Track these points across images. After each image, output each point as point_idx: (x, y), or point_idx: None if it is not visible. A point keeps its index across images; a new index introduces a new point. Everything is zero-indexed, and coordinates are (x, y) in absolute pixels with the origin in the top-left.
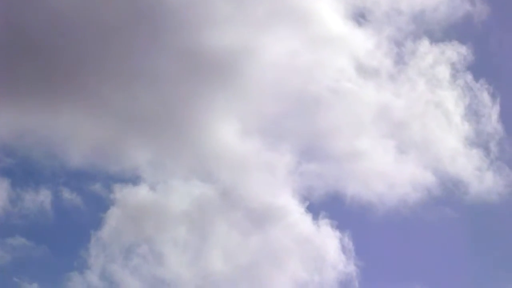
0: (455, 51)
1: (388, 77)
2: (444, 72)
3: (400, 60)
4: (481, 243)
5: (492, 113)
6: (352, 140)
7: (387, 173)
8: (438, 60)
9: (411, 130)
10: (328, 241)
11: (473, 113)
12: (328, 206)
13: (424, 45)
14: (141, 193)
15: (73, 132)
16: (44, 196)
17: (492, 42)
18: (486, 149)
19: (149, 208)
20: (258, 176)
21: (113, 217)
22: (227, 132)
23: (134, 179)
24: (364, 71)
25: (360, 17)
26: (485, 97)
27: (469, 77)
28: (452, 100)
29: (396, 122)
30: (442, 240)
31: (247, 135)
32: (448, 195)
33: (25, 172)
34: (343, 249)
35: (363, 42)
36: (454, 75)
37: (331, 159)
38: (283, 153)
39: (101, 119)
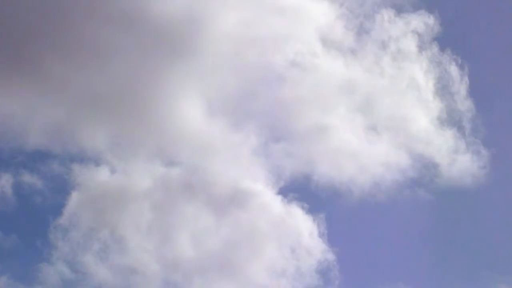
0: (422, 22)
1: (352, 50)
2: (410, 44)
3: (364, 32)
4: (456, 226)
5: (461, 88)
6: (319, 118)
7: (358, 153)
8: (404, 31)
9: (380, 107)
10: (301, 225)
11: (443, 88)
12: (299, 188)
13: (390, 16)
14: (102, 176)
15: (28, 113)
16: (4, 181)
17: (459, 11)
18: (459, 127)
19: (111, 192)
20: (223, 158)
21: (74, 202)
22: (189, 110)
23: (95, 161)
24: (327, 43)
25: None
26: (454, 69)
27: (436, 48)
28: (421, 74)
29: (364, 98)
30: (417, 224)
31: (210, 114)
32: (422, 177)
33: None
34: (317, 233)
35: (324, 13)
36: (421, 47)
37: (298, 138)
38: (248, 133)
39: (57, 98)
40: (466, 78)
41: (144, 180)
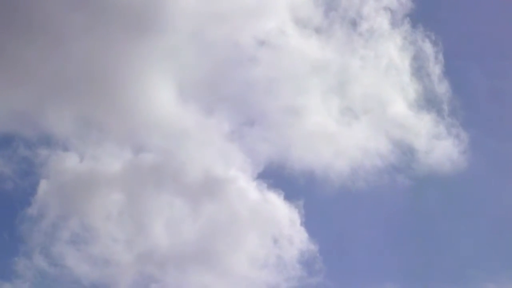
0: None
1: (324, 29)
2: (383, 21)
3: (334, 9)
4: (439, 214)
5: (436, 68)
6: (293, 100)
7: (335, 136)
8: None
9: (355, 89)
10: (279, 212)
11: (419, 68)
12: (275, 174)
13: None
14: (70, 162)
15: None
16: None
17: None
18: (438, 110)
19: (79, 179)
20: (196, 143)
21: (43, 190)
22: (159, 93)
23: (62, 146)
24: (298, 22)
25: None
26: (428, 47)
27: (408, 25)
28: (395, 53)
29: (338, 79)
30: (398, 212)
31: (181, 97)
32: (402, 163)
33: None
34: (295, 221)
35: None
36: (394, 24)
37: (272, 122)
38: (220, 117)
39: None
40: (441, 56)
41: (114, 167)
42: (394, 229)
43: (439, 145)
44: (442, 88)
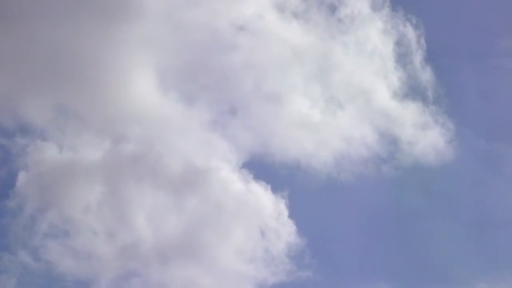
0: None
1: (303, 14)
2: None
3: None
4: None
5: (418, 54)
6: (274, 88)
7: (319, 126)
8: None
9: (337, 76)
10: (264, 204)
11: (401, 55)
12: (258, 165)
13: None
14: (49, 153)
15: None
16: None
17: None
18: (423, 98)
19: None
20: (178, 133)
21: (21, 181)
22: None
23: (41, 136)
24: (276, 7)
25: None
26: (410, 31)
27: (388, 9)
28: (376, 39)
29: (320, 66)
30: (384, 203)
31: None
32: (387, 153)
33: None
34: (280, 212)
35: None
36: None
37: (254, 110)
38: (201, 106)
39: None
40: (422, 40)
41: (94, 157)
42: (381, 222)
43: (424, 135)
44: (426, 75)
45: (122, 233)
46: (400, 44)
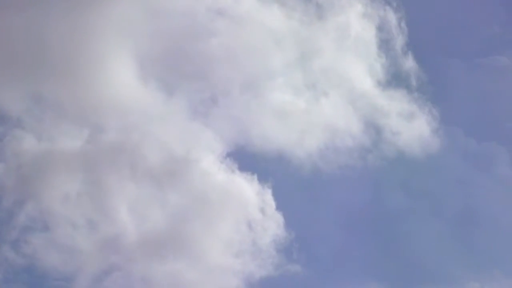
0: None
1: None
2: None
3: None
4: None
5: (400, 39)
6: (256, 76)
7: (302, 114)
8: None
9: (318, 63)
10: (250, 196)
11: (383, 41)
12: (241, 155)
13: None
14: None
15: None
16: None
17: None
18: (407, 86)
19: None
20: (158, 122)
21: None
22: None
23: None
24: None
25: None
26: (391, 15)
27: None
28: (357, 24)
29: (302, 51)
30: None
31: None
32: (372, 143)
33: None
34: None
35: None
36: None
37: (235, 99)
38: (182, 95)
39: None
40: (403, 24)
41: (72, 147)
42: (368, 215)
43: (410, 124)
44: (409, 62)
45: (103, 225)
46: (381, 29)
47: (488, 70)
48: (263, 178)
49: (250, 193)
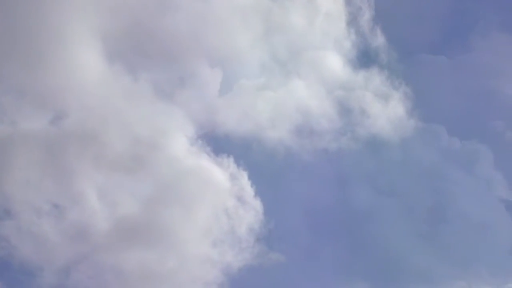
0: None
1: None
2: None
3: None
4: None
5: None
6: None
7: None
8: None
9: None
10: (223, 181)
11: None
12: (211, 138)
13: None
14: None
15: None
16: None
17: None
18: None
19: None
20: (123, 106)
21: None
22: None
23: None
24: None
25: None
26: None
27: None
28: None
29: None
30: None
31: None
32: (345, 125)
33: None
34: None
35: None
36: None
37: (202, 80)
38: (148, 76)
39: None
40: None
41: (34, 131)
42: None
43: (382, 105)
44: (378, 39)
45: (71, 212)
46: (349, 3)
47: (461, 46)
48: (238, 161)
49: (225, 177)
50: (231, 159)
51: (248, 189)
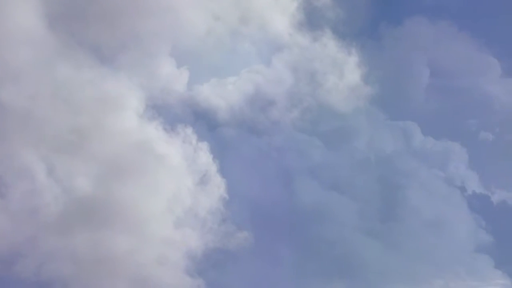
0: None
1: None
2: None
3: None
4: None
5: None
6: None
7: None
8: None
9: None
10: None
11: None
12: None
13: None
14: None
15: None
16: None
17: None
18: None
19: None
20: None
21: None
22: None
23: None
24: None
25: None
26: None
27: None
28: None
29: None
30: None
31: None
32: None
33: None
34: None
35: None
36: None
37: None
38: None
39: None
40: None
41: None
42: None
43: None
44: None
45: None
46: None
47: None
48: (197, 133)
49: (183, 150)
50: (190, 130)
51: (210, 164)
